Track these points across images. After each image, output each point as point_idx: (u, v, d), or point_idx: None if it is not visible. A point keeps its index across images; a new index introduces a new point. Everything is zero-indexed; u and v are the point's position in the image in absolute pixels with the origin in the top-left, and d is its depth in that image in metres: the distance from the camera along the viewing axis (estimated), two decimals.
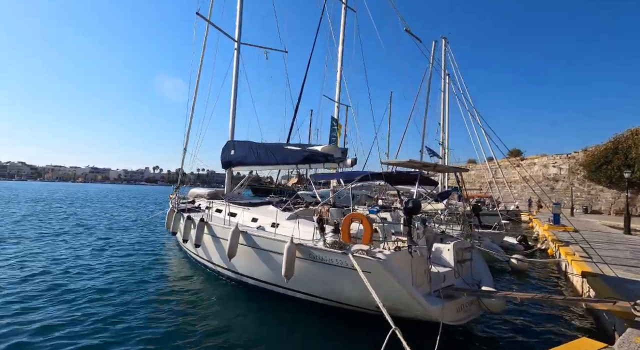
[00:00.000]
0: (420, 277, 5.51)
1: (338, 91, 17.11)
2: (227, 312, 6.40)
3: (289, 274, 5.78)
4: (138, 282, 8.01)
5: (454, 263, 6.51)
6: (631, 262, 9.01)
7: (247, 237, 6.88)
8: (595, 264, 8.61)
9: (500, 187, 54.57)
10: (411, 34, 10.98)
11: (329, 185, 28.05)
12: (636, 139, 29.34)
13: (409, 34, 10.97)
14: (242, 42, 12.28)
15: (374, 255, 5.15)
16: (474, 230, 14.00)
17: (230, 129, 12.28)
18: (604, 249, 11.33)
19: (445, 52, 28.69)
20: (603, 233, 16.82)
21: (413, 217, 5.72)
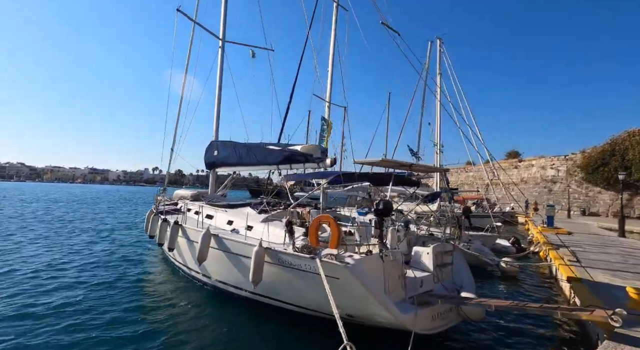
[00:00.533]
0: (393, 282, 5.24)
1: (329, 91, 16.87)
2: (198, 318, 6.13)
3: (256, 279, 5.52)
4: (111, 285, 7.78)
5: (432, 267, 6.25)
6: (620, 266, 8.75)
7: (219, 241, 6.63)
8: (584, 268, 8.36)
9: (499, 189, 54.41)
10: (388, 26, 10.72)
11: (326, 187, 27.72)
12: (633, 141, 29.08)
13: (386, 27, 10.71)
14: (227, 40, 12.05)
15: (342, 260, 4.90)
16: (464, 233, 13.79)
17: (214, 129, 12.04)
18: (595, 252, 11.08)
19: (440, 52, 28.44)
20: (597, 235, 16.56)
21: (385, 219, 5.48)
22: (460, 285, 6.56)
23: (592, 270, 8.12)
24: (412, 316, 4.86)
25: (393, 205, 6.04)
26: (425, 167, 8.31)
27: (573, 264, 8.78)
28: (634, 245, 13.32)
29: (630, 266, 8.81)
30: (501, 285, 9.41)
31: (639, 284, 6.88)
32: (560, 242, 13.64)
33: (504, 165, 54.95)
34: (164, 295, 7.31)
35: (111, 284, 7.87)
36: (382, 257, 5.04)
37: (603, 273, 7.83)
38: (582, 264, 8.93)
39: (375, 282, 4.90)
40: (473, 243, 12.94)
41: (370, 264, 5.01)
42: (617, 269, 8.41)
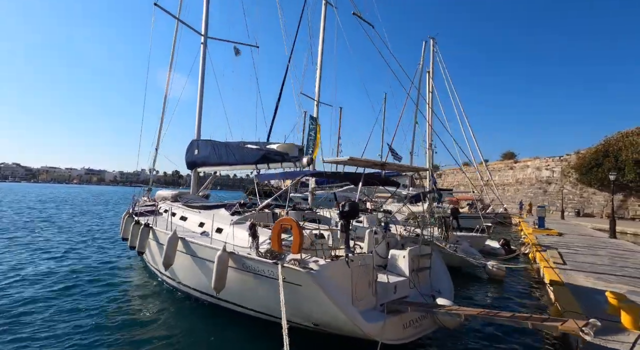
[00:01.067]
0: (362, 289, 4.95)
1: (318, 89, 16.63)
2: (163, 326, 5.82)
3: (219, 286, 5.22)
4: (83, 290, 7.48)
5: (408, 272, 5.98)
6: (607, 269, 8.52)
7: (186, 244, 6.34)
8: (570, 271, 8.13)
9: (493, 190, 54.25)
10: (360, 17, 10.46)
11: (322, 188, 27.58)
12: (626, 142, 28.96)
13: (359, 19, 10.44)
14: (209, 36, 11.76)
15: (306, 265, 4.61)
16: (453, 234, 13.55)
17: (196, 127, 11.76)
18: (583, 254, 10.86)
19: (434, 52, 28.26)
20: (588, 237, 16.36)
21: (351, 221, 5.21)
22: (438, 290, 6.30)
23: (577, 273, 7.88)
24: (380, 325, 4.57)
25: (383, 205, 5.77)
26: (400, 167, 8.00)
27: (559, 267, 8.55)
28: (624, 246, 13.11)
29: (617, 269, 8.58)
30: (486, 289, 9.15)
31: (622, 287, 6.68)
32: (550, 243, 13.43)
33: (500, 166, 54.94)
34: (133, 299, 7.01)
35: (83, 288, 7.57)
36: (347, 262, 4.76)
37: (588, 276, 7.60)
38: (568, 266, 8.70)
39: (339, 290, 4.61)
40: (461, 244, 12.70)
41: (336, 270, 4.72)
42: (603, 271, 8.18)
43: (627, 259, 10.04)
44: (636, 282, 7.17)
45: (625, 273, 8.09)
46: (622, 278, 7.56)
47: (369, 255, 5.31)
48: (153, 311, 6.37)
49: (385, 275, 5.80)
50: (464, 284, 9.39)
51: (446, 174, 66.66)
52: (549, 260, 9.25)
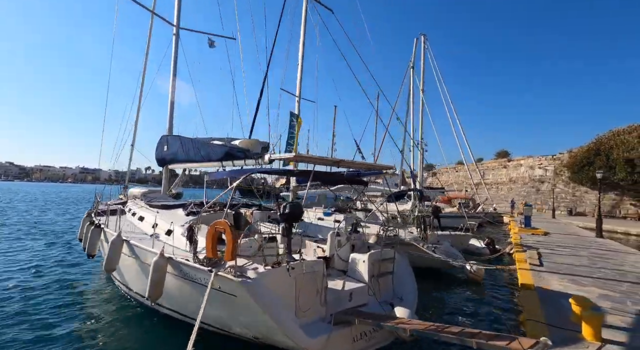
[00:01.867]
0: (309, 298, 4.51)
1: (299, 85, 16.22)
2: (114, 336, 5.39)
3: (155, 294, 4.78)
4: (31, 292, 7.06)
5: (367, 277, 5.58)
6: (584, 270, 8.16)
7: (130, 248, 5.91)
8: (545, 273, 7.76)
9: (484, 189, 54.02)
10: (317, 1, 10.00)
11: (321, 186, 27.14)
12: (618, 140, 28.65)
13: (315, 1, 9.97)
14: (182, 27, 11.30)
15: (244, 274, 4.19)
16: (434, 233, 13.18)
17: (167, 122, 11.33)
18: (564, 254, 10.50)
19: (425, 49, 27.86)
20: (574, 236, 16.03)
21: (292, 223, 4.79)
22: (400, 297, 5.89)
23: (551, 276, 7.52)
24: (323, 339, 4.14)
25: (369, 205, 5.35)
26: (360, 164, 7.50)
27: (534, 268, 8.18)
28: (608, 246, 12.79)
29: (595, 270, 8.22)
30: (462, 291, 8.75)
31: (594, 291, 6.31)
32: (533, 243, 13.09)
33: (493, 165, 54.68)
34: (84, 307, 6.57)
35: (31, 292, 7.14)
36: (288, 270, 4.34)
37: (562, 278, 7.23)
38: (545, 267, 8.34)
39: (279, 300, 4.16)
40: (442, 244, 12.33)
41: (276, 278, 4.26)
42: (579, 273, 7.82)
43: (607, 260, 9.69)
44: (611, 285, 6.82)
45: (602, 275, 7.73)
46: (598, 280, 7.20)
47: (318, 261, 4.89)
48: (102, 320, 5.90)
49: (342, 282, 5.41)
50: (441, 286, 9.02)
51: (441, 173, 66.40)
52: (526, 261, 8.89)
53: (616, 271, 8.22)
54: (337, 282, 5.46)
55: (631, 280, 7.37)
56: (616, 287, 6.71)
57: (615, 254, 10.82)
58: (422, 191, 15.21)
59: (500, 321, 6.03)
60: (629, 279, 7.43)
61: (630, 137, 27.55)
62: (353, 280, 5.62)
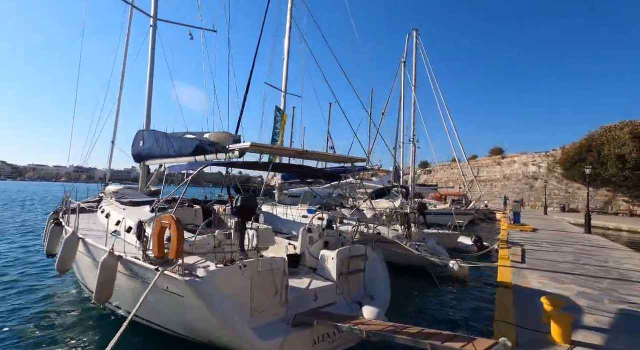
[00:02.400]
0: (267, 298, 4.21)
1: (284, 79, 15.89)
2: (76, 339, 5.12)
3: (102, 296, 4.50)
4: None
5: (336, 276, 5.30)
6: (566, 267, 7.93)
7: (85, 246, 5.62)
8: (525, 270, 7.52)
9: (482, 185, 53.94)
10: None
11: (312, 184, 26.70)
12: (609, 136, 28.51)
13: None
14: (160, 18, 10.90)
15: (193, 272, 3.90)
16: (420, 231, 12.94)
17: (145, 117, 10.97)
18: (548, 250, 10.28)
19: (417, 44, 27.56)
20: (562, 232, 15.85)
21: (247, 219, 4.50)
22: (371, 296, 5.62)
23: (532, 273, 7.28)
24: (279, 342, 3.84)
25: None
26: (326, 156, 7.12)
27: (515, 265, 7.94)
28: (595, 242, 12.59)
29: (578, 267, 8.00)
30: (442, 290, 8.48)
31: (573, 288, 6.05)
32: (520, 239, 12.88)
33: (487, 162, 54.60)
34: (35, 304, 6.26)
35: None
36: (241, 268, 4.05)
37: (542, 276, 6.99)
38: (526, 264, 8.11)
39: (229, 301, 3.86)
40: (427, 242, 12.09)
41: (227, 277, 3.95)
42: (561, 270, 7.58)
43: (592, 256, 9.47)
44: (591, 282, 6.58)
45: (584, 271, 7.50)
46: (579, 277, 6.96)
47: (277, 258, 4.60)
48: (56, 322, 5.61)
49: (309, 280, 5.14)
50: (424, 284, 8.76)
51: (436, 170, 66.32)
52: (508, 258, 8.66)
53: (599, 267, 8.00)
54: (304, 281, 5.18)
55: (613, 276, 7.15)
56: (596, 284, 6.48)
57: (601, 250, 10.62)
58: (407, 188, 14.93)
59: (476, 320, 5.79)
60: (611, 276, 7.20)
61: (621, 133, 27.44)
62: (322, 278, 5.35)
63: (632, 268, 8.07)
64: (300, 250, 6.31)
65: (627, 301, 5.42)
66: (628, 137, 26.61)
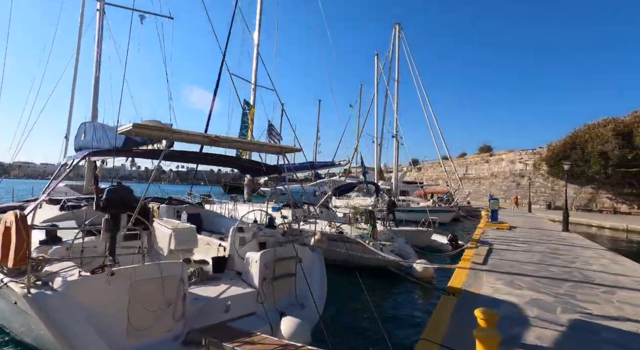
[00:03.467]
0: (153, 312, 3.53)
1: (254, 70, 15.16)
2: None
3: None
4: None
5: (258, 281, 4.62)
6: (529, 269, 7.31)
7: None
8: (483, 272, 6.90)
9: (470, 183, 53.62)
10: None
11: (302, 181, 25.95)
12: (592, 133, 28.13)
13: None
14: (108, 2, 10.11)
15: (48, 283, 3.19)
16: (388, 229, 12.30)
17: (91, 108, 10.19)
18: (518, 250, 9.68)
19: (399, 38, 26.95)
20: (540, 230, 15.31)
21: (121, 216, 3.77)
22: (301, 304, 4.95)
23: (489, 275, 6.66)
24: None
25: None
26: (243, 144, 6.29)
27: (475, 267, 7.32)
28: (570, 240, 12.02)
29: (541, 268, 7.38)
30: (396, 294, 7.84)
31: (527, 294, 5.39)
32: (493, 238, 12.31)
33: (476, 160, 54.24)
34: None
35: None
36: (108, 276, 3.33)
37: (499, 279, 6.36)
38: (487, 266, 7.48)
39: (92, 319, 3.14)
40: (395, 241, 11.46)
41: (91, 288, 3.24)
42: (522, 272, 6.97)
43: (560, 256, 8.88)
44: (550, 286, 5.97)
45: (546, 274, 6.88)
46: (539, 280, 6.34)
47: (172, 263, 3.89)
48: None
49: (226, 287, 4.46)
50: (384, 287, 8.13)
51: (426, 167, 65.96)
52: (469, 259, 8.04)
53: (564, 269, 7.40)
54: (220, 288, 4.49)
55: (575, 279, 6.54)
56: (554, 288, 5.86)
57: (572, 250, 10.05)
58: (377, 184, 14.28)
59: (408, 336, 5.11)
60: (574, 278, 6.59)
61: (604, 131, 27.05)
62: (245, 284, 4.68)
63: (598, 269, 7.48)
64: (229, 252, 5.62)
65: (581, 310, 4.80)
66: (611, 135, 26.23)
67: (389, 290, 7.90)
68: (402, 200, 27.44)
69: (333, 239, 9.88)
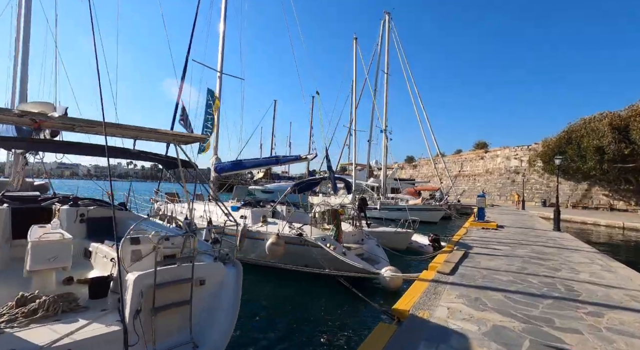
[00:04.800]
0: None
1: (220, 56, 13.85)
2: None
3: None
4: None
5: (129, 314, 3.35)
6: (503, 280, 6.07)
7: None
8: (445, 286, 5.68)
9: (465, 180, 52.29)
10: None
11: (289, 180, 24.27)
12: (588, 128, 26.78)
13: None
14: None
15: None
16: (360, 230, 11.06)
17: (12, 93, 8.95)
18: (497, 254, 8.41)
19: (389, 28, 25.62)
20: (529, 230, 14.02)
21: None
22: (195, 342, 3.64)
23: (452, 291, 5.41)
24: None
25: None
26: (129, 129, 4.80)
27: (440, 279, 6.07)
28: (559, 241, 10.76)
29: (519, 279, 6.11)
30: (349, 309, 6.62)
31: (491, 318, 4.13)
32: (475, 239, 11.06)
33: (471, 157, 52.93)
34: None
35: None
36: None
37: (461, 297, 5.12)
38: (454, 277, 6.23)
39: None
40: (365, 243, 10.22)
41: None
42: (493, 285, 5.73)
43: (545, 261, 7.62)
44: (523, 306, 4.71)
45: (523, 287, 5.62)
46: (511, 297, 5.11)
47: None
48: None
49: (85, 323, 3.21)
50: (341, 299, 6.89)
51: (421, 164, 64.81)
52: (436, 267, 6.79)
53: (546, 279, 6.15)
54: (65, 327, 3.19)
55: (557, 294, 5.29)
56: (529, 309, 4.61)
57: (560, 253, 8.79)
58: (347, 181, 13.03)
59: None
60: (555, 293, 5.34)
61: (600, 125, 25.72)
62: (115, 318, 3.39)
63: (587, 279, 6.22)
64: (116, 270, 4.33)
65: (557, 346, 3.56)
66: (607, 129, 24.91)
67: (343, 304, 6.67)
68: (392, 198, 26.19)
69: (291, 242, 8.68)
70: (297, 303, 6.92)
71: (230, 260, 4.67)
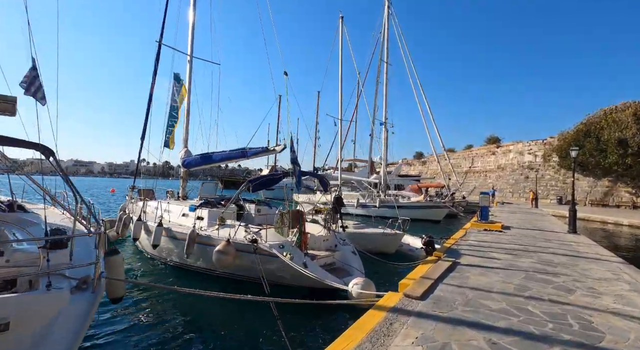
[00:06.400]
0: None
1: (191, 37, 12.53)
2: None
3: None
4: None
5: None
6: (495, 308, 4.39)
7: None
8: (409, 318, 4.10)
9: (476, 177, 49.72)
10: None
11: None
12: (609, 119, 24.25)
13: None
14: None
15: None
16: (335, 232, 9.48)
17: None
18: (495, 266, 6.70)
19: (389, 15, 23.81)
20: (539, 232, 12.11)
21: None
22: None
23: (416, 326, 3.81)
24: None
25: None
26: None
27: (404, 305, 4.47)
28: (575, 247, 8.89)
29: (515, 305, 4.46)
30: (326, 326, 5.12)
31: None
32: (472, 243, 9.33)
33: (482, 152, 50.35)
34: None
35: None
36: None
37: (424, 340, 3.55)
38: (425, 302, 4.58)
39: None
40: (339, 250, 8.63)
41: None
42: (477, 319, 4.09)
43: (555, 277, 5.88)
44: (513, 340, 3.12)
45: (518, 321, 3.96)
46: (498, 342, 3.49)
47: None
48: None
49: None
50: (306, 319, 5.41)
51: (430, 161, 62.58)
52: (406, 286, 5.18)
53: (553, 306, 4.46)
54: None
55: (568, 334, 3.62)
56: None
57: (575, 263, 7.01)
58: (322, 176, 11.43)
59: None
60: (565, 333, 3.66)
61: (623, 115, 23.17)
62: None
63: (610, 306, 4.48)
64: None
65: None
66: (631, 119, 22.37)
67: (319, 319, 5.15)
68: (395, 195, 24.45)
69: (243, 250, 7.21)
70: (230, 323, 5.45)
71: (88, 285, 3.26)
